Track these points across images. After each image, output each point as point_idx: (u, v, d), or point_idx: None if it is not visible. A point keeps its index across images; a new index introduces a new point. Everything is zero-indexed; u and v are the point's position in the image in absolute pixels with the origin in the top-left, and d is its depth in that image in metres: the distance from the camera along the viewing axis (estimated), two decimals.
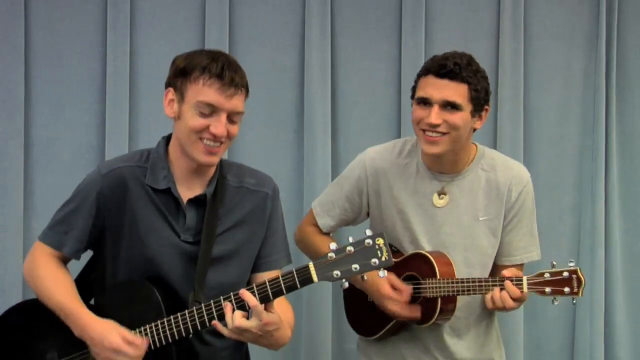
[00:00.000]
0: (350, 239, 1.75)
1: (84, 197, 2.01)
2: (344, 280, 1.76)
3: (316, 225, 2.40)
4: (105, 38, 2.87)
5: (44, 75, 2.87)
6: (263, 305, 1.80)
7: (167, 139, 2.05)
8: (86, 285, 2.09)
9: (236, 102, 1.91)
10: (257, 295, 1.81)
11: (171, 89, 1.95)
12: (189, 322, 1.88)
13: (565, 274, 2.05)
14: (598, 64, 3.04)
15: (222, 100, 1.89)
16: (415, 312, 2.18)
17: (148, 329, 1.92)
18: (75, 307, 1.95)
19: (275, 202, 2.09)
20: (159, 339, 1.91)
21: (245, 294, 1.81)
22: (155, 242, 1.97)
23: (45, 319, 2.00)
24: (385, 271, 1.76)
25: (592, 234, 3.03)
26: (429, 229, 2.24)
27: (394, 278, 2.18)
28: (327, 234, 2.41)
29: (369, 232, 1.75)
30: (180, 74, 1.93)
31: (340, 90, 3.00)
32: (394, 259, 2.19)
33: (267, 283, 1.81)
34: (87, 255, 2.13)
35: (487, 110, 2.19)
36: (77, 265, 2.14)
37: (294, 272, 1.78)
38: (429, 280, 2.16)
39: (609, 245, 3.05)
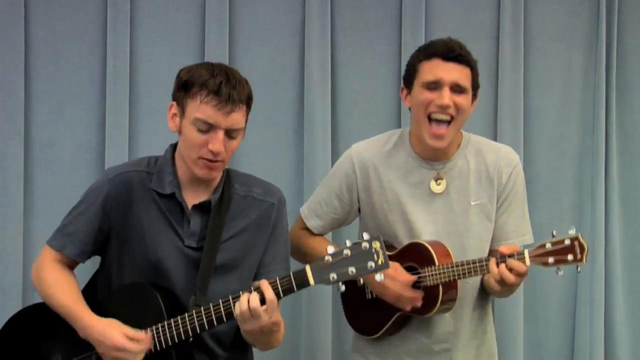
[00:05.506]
0: (348, 242, 1.76)
1: (91, 200, 2.03)
2: (340, 283, 1.77)
3: (306, 229, 2.38)
4: (105, 38, 2.86)
5: (44, 75, 2.87)
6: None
7: (174, 145, 2.06)
8: (92, 289, 2.11)
9: (234, 119, 1.92)
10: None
11: (174, 104, 1.97)
12: (188, 325, 1.89)
13: (567, 241, 2.01)
14: (598, 64, 3.04)
15: (219, 118, 1.89)
16: (416, 298, 2.16)
17: (149, 331, 1.92)
18: (78, 309, 1.96)
19: (280, 213, 2.09)
20: (159, 341, 1.91)
21: (265, 284, 1.82)
22: (159, 246, 1.98)
23: (51, 322, 2.01)
24: (382, 274, 1.77)
25: (592, 234, 3.02)
26: (425, 217, 2.23)
27: (396, 266, 2.16)
28: (318, 235, 2.40)
29: (366, 236, 1.76)
30: (182, 88, 1.94)
31: (340, 90, 2.99)
32: (388, 253, 2.21)
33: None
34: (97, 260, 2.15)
35: (476, 97, 2.24)
36: (87, 271, 2.16)
37: (291, 275, 1.80)
38: (428, 268, 2.15)
39: (609, 245, 3.05)
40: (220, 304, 1.87)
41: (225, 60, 2.87)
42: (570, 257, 2.01)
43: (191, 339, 1.90)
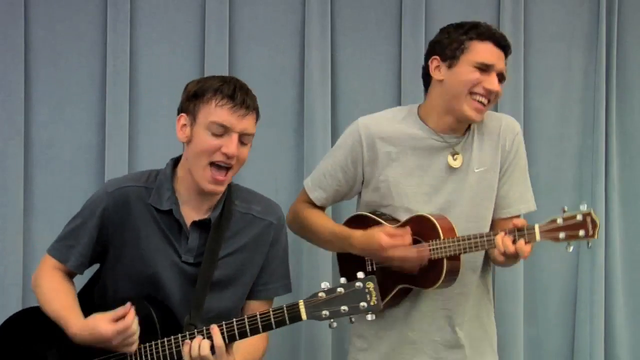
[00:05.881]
0: (342, 280, 1.78)
1: (90, 213, 2.04)
2: (332, 320, 1.78)
3: (309, 201, 2.38)
4: (105, 38, 2.86)
5: (44, 75, 2.87)
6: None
7: (175, 160, 2.07)
8: (90, 297, 2.11)
9: (247, 123, 1.96)
10: (247, 327, 1.83)
11: (183, 114, 1.99)
12: (181, 345, 1.89)
13: (579, 217, 1.97)
14: (598, 64, 3.04)
15: (234, 121, 1.93)
16: (423, 251, 2.14)
17: (142, 349, 1.92)
18: (67, 317, 1.96)
19: (279, 231, 2.10)
20: (152, 359, 1.92)
21: (214, 330, 1.84)
22: (156, 261, 1.99)
23: (47, 327, 2.01)
24: (374, 315, 1.79)
25: None
26: (433, 189, 2.23)
27: (388, 227, 2.16)
28: (321, 208, 2.39)
29: (360, 275, 1.78)
30: (193, 97, 1.97)
31: (340, 90, 2.99)
32: (392, 226, 2.19)
33: (258, 316, 1.83)
34: (94, 267, 2.15)
35: None
36: (84, 279, 2.16)
37: (284, 308, 1.81)
38: (432, 241, 2.14)
39: (609, 245, 3.05)
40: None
41: (225, 60, 2.87)
42: (581, 232, 1.98)
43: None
